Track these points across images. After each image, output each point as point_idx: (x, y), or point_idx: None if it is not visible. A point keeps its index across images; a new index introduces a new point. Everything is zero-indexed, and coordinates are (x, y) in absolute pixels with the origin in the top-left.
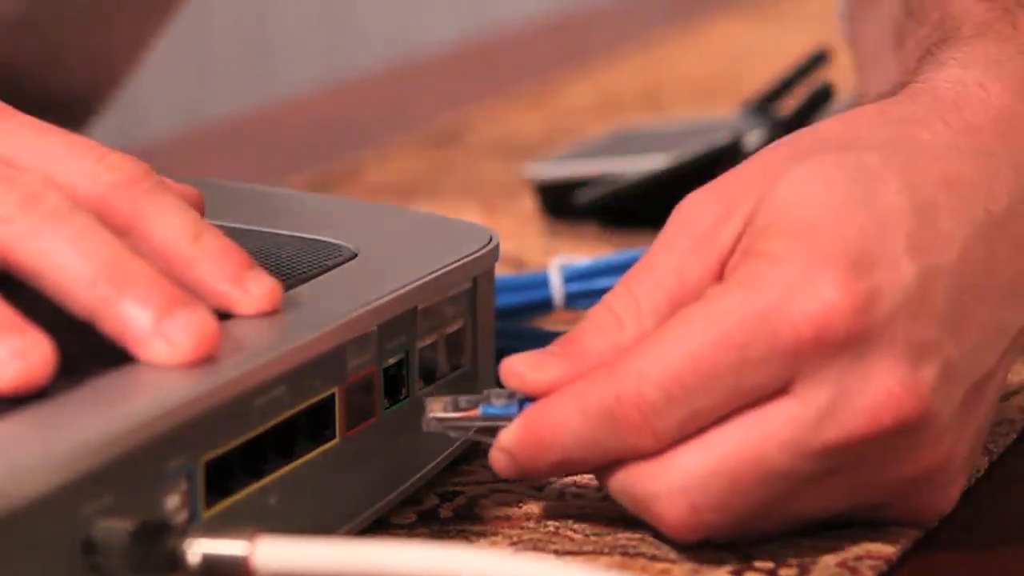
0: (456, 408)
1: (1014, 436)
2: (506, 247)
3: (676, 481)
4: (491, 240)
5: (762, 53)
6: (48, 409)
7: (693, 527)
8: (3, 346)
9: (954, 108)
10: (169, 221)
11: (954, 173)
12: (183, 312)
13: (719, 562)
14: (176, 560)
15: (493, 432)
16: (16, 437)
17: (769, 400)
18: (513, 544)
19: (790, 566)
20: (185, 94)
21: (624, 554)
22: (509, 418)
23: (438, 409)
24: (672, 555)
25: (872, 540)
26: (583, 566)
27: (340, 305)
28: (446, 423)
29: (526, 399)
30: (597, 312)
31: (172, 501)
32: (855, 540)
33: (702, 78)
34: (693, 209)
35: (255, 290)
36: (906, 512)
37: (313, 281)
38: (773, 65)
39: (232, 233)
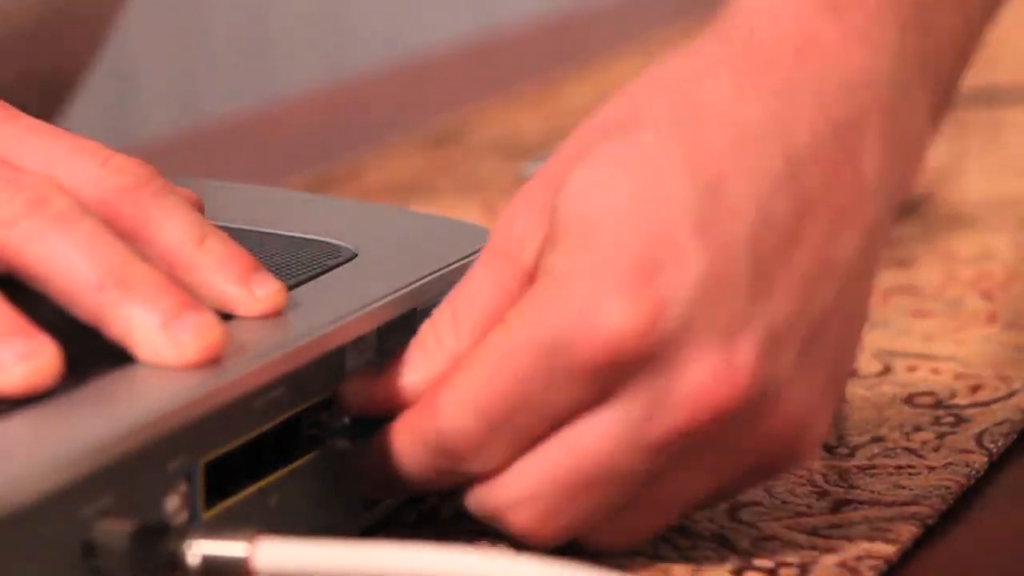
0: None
1: (1014, 436)
2: None
3: (518, 493)
4: None
5: None
6: (49, 410)
7: (546, 533)
8: (9, 349)
9: (744, 48)
10: (174, 224)
11: (740, 130)
12: (191, 315)
13: (719, 561)
14: (176, 562)
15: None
16: (16, 437)
17: (591, 409)
18: (514, 544)
19: (790, 565)
20: (184, 93)
21: (624, 554)
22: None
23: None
24: (672, 554)
25: (872, 540)
26: (583, 566)
27: (340, 306)
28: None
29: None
30: (424, 327)
31: (172, 502)
32: (855, 540)
33: None
34: (506, 221)
35: (260, 292)
36: (778, 467)
37: (313, 282)
38: None
39: (231, 234)
